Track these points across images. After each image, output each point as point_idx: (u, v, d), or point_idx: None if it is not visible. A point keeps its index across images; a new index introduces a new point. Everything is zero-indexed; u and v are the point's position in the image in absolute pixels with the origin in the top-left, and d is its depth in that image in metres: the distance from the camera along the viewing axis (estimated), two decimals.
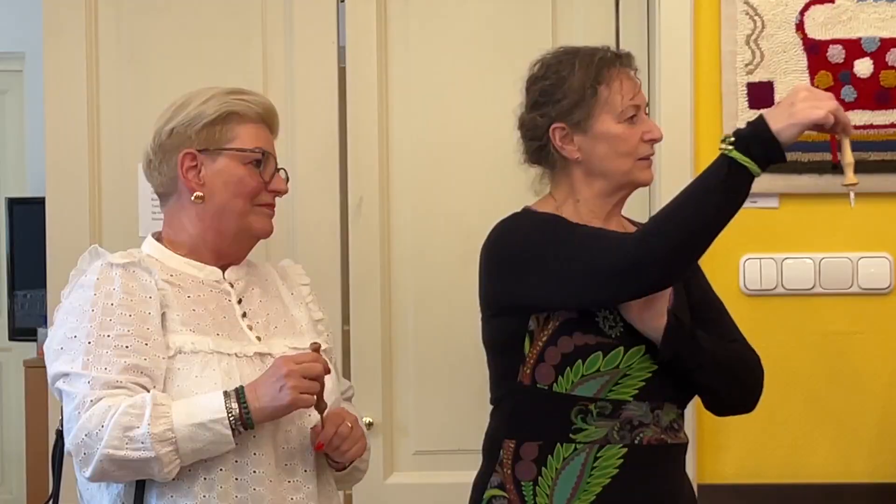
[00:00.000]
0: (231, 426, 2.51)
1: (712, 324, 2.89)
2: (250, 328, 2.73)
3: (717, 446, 3.62)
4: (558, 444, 2.77)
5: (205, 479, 2.57)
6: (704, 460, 3.61)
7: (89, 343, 2.56)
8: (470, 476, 2.95)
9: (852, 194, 2.70)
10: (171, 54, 3.80)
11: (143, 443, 2.47)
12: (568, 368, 2.76)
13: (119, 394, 2.52)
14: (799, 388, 3.66)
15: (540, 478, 2.78)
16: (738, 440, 3.65)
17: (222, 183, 2.70)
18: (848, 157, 2.68)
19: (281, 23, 3.81)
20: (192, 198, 2.71)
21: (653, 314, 2.71)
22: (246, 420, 2.53)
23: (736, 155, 2.63)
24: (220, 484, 2.57)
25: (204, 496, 2.57)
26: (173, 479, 2.56)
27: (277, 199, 2.81)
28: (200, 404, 2.53)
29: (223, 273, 2.77)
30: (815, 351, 3.66)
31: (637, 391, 2.76)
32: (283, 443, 2.66)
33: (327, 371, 2.61)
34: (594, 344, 2.75)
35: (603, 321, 2.76)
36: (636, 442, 2.76)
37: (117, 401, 2.50)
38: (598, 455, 2.75)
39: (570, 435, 2.76)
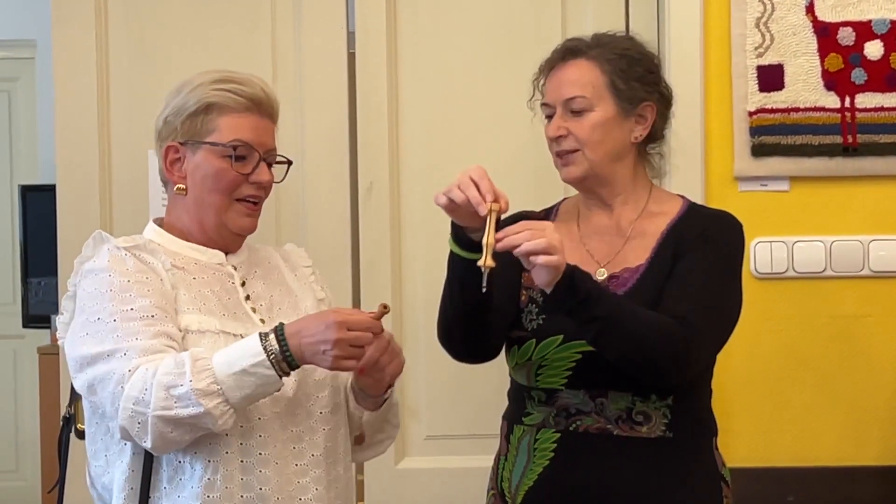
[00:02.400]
0: (273, 366, 2.47)
1: (666, 296, 2.78)
2: (254, 310, 2.72)
3: (727, 430, 3.60)
4: (515, 425, 2.89)
5: (210, 461, 2.56)
6: None
7: (115, 321, 2.54)
8: (481, 460, 2.98)
9: (485, 277, 2.54)
10: (179, 40, 3.80)
11: (189, 399, 2.44)
12: (508, 359, 2.91)
13: (155, 358, 2.49)
14: (810, 371, 3.66)
15: (507, 454, 2.90)
16: (748, 424, 3.65)
17: (200, 177, 2.69)
18: (489, 235, 2.54)
19: (290, 8, 3.80)
20: (175, 190, 2.72)
21: (541, 283, 2.65)
22: (290, 361, 2.49)
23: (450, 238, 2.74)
24: (224, 466, 2.56)
25: (209, 479, 2.55)
26: (178, 462, 2.56)
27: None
28: (238, 351, 2.49)
29: (226, 256, 2.76)
30: (826, 334, 3.65)
31: (566, 379, 2.79)
32: (292, 426, 2.64)
33: (379, 331, 2.56)
34: (514, 338, 2.87)
35: (525, 316, 2.86)
36: (570, 429, 2.80)
37: (154, 364, 2.48)
38: (537, 437, 2.82)
39: (522, 418, 2.87)
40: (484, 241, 2.54)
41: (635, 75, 2.88)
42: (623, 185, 2.90)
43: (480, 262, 2.53)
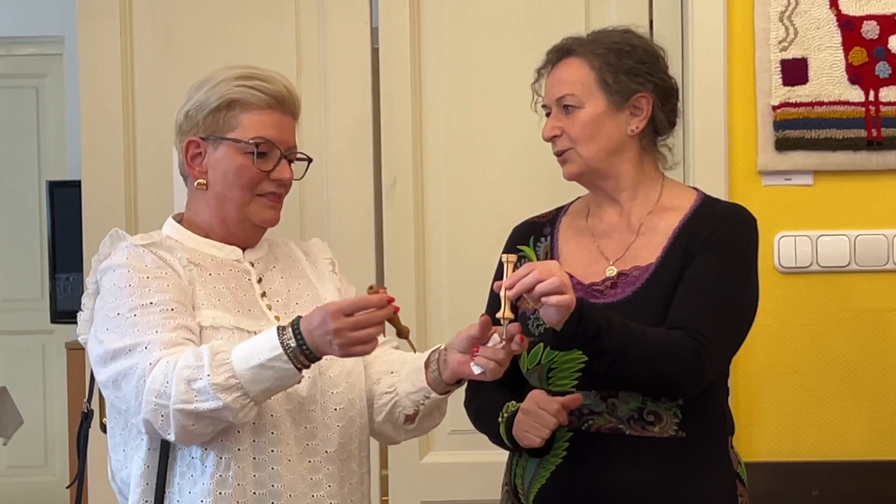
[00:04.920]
0: (291, 360, 2.46)
1: (677, 303, 2.77)
2: (269, 307, 2.72)
3: (751, 425, 3.62)
4: None
5: (221, 458, 2.57)
6: (739, 439, 3.59)
7: (135, 315, 2.55)
8: (504, 455, 2.97)
9: (504, 330, 2.53)
10: (204, 36, 3.81)
11: (208, 394, 2.45)
12: (519, 364, 2.86)
13: (175, 350, 2.50)
14: (834, 365, 3.65)
15: (523, 452, 2.87)
16: (772, 418, 3.65)
17: (221, 173, 2.69)
18: (506, 311, 2.52)
19: (314, 4, 3.82)
20: (195, 185, 2.72)
21: (552, 322, 2.62)
22: (309, 355, 2.47)
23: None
24: (237, 463, 2.57)
25: (220, 476, 2.56)
26: (190, 458, 2.57)
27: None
28: (257, 345, 2.48)
29: (243, 252, 2.76)
30: (851, 328, 3.64)
31: (576, 381, 2.78)
32: (305, 423, 2.64)
33: (392, 311, 2.49)
34: None
35: (532, 322, 2.82)
36: (583, 428, 2.78)
37: (175, 357, 2.48)
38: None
39: None
40: (502, 293, 2.53)
41: (624, 67, 2.85)
42: (628, 180, 2.88)
43: (499, 315, 2.52)
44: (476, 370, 2.57)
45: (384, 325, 2.50)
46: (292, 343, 2.46)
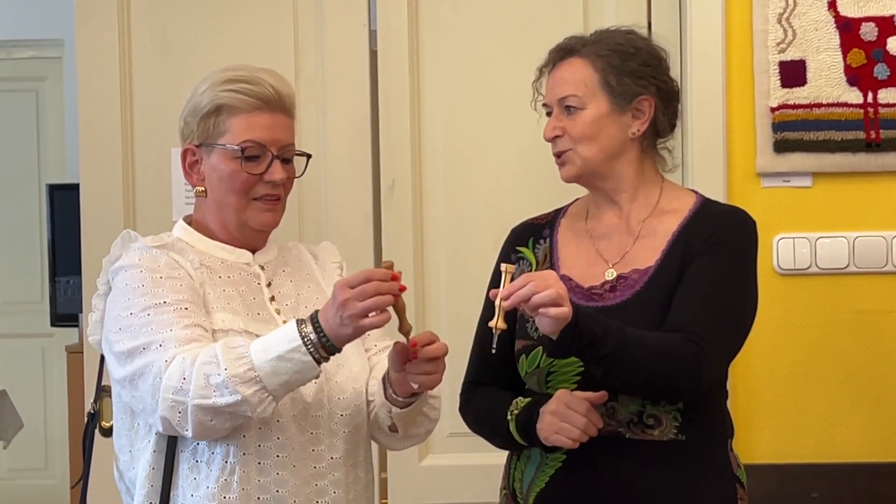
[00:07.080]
0: (311, 353, 2.46)
1: (675, 307, 2.76)
2: (278, 312, 2.71)
3: (751, 426, 3.62)
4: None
5: (226, 462, 2.56)
6: (739, 440, 3.59)
7: (148, 315, 2.55)
8: (503, 458, 2.96)
9: (495, 339, 2.54)
10: (202, 38, 3.81)
11: (226, 388, 2.44)
12: (518, 367, 2.86)
13: (191, 347, 2.50)
14: (833, 367, 3.65)
15: (520, 454, 2.88)
16: (772, 420, 3.65)
17: (217, 179, 2.69)
18: (499, 321, 2.53)
19: (312, 6, 3.82)
20: (195, 192, 2.72)
21: (547, 332, 2.62)
22: (328, 346, 2.47)
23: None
24: (242, 468, 2.57)
25: (225, 480, 2.56)
26: (195, 462, 2.57)
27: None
28: (275, 338, 2.48)
29: (253, 256, 2.76)
30: (850, 330, 3.64)
31: (576, 385, 2.76)
32: (311, 428, 2.64)
33: (397, 287, 2.48)
34: (521, 347, 2.84)
35: (531, 325, 2.79)
36: None
37: (192, 353, 2.48)
38: None
39: None
40: (497, 303, 2.53)
41: (627, 70, 2.83)
42: (628, 182, 2.87)
43: (492, 324, 2.53)
44: (414, 386, 2.61)
45: (394, 300, 2.48)
46: (311, 334, 2.46)
